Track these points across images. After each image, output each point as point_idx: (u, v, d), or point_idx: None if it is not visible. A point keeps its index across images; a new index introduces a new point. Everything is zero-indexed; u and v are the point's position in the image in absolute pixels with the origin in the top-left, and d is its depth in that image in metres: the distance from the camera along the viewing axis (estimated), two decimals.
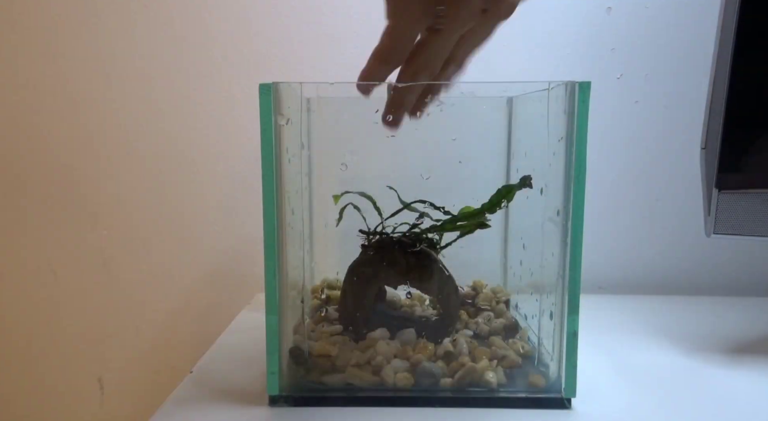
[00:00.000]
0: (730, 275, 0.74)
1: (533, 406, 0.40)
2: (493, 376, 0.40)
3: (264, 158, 0.38)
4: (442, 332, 0.43)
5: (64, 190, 0.74)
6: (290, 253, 0.42)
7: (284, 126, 0.39)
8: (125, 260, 0.75)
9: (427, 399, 0.40)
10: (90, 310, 0.75)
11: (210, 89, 0.72)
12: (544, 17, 0.70)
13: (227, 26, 0.70)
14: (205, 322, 0.75)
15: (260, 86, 0.37)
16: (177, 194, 0.74)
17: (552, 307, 0.41)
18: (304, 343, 0.41)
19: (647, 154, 0.72)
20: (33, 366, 0.77)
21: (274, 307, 0.39)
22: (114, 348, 0.76)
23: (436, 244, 0.46)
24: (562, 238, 0.39)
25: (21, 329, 0.76)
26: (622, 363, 0.48)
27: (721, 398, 0.42)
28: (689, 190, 0.72)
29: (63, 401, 0.77)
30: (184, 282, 0.75)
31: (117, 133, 0.73)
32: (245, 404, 0.41)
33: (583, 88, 0.37)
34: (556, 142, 0.40)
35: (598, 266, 0.74)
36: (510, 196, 0.42)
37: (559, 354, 0.40)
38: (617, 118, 0.71)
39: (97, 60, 0.72)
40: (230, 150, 0.73)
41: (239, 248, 0.74)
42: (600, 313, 0.62)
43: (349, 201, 0.45)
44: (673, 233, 0.73)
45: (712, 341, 0.54)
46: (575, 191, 0.38)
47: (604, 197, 0.73)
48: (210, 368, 0.47)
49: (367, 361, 0.41)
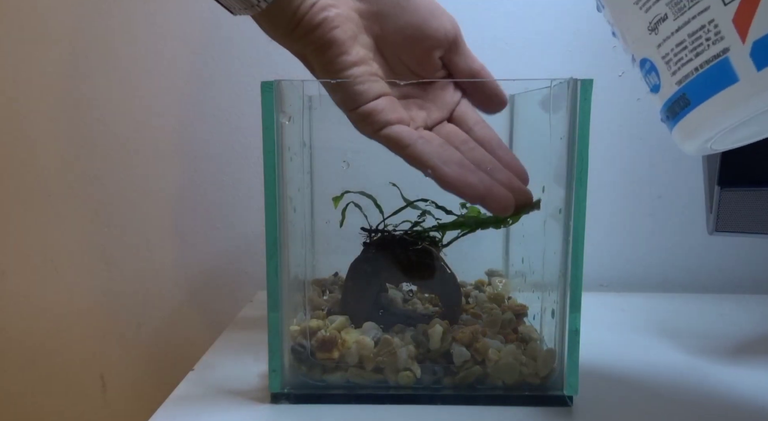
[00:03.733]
0: (732, 273, 0.74)
1: (534, 403, 0.40)
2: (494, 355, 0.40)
3: (266, 156, 0.38)
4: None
5: (65, 186, 0.74)
6: (292, 250, 0.42)
7: (286, 124, 0.39)
8: (127, 257, 0.75)
9: (429, 397, 0.40)
10: (92, 307, 0.76)
11: (211, 86, 0.72)
12: (546, 14, 0.70)
13: (227, 25, 0.70)
14: (207, 319, 0.75)
15: (262, 84, 0.37)
16: (179, 191, 0.74)
17: (554, 305, 0.41)
18: (306, 340, 0.41)
19: (649, 152, 0.72)
20: (35, 363, 0.77)
21: (276, 304, 0.39)
22: (116, 345, 0.76)
23: (438, 242, 0.46)
24: (564, 236, 0.39)
25: (23, 326, 0.76)
26: (623, 361, 0.48)
27: (723, 396, 0.42)
28: (691, 187, 0.72)
29: (65, 398, 0.77)
30: (186, 279, 0.75)
31: (118, 131, 0.73)
32: (247, 402, 0.41)
33: (586, 85, 0.37)
34: (558, 140, 0.40)
35: (600, 263, 0.74)
36: (516, 217, 0.42)
37: (560, 352, 0.40)
38: (619, 115, 0.71)
39: (96, 57, 0.72)
40: (232, 147, 0.73)
41: (241, 245, 0.74)
42: (602, 311, 0.62)
43: (350, 200, 0.45)
44: (675, 231, 0.73)
45: (714, 338, 0.54)
46: (577, 189, 0.38)
47: (606, 195, 0.73)
48: (212, 365, 0.48)
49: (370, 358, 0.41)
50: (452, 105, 0.41)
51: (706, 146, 0.29)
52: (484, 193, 0.36)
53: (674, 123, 0.29)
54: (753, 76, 0.23)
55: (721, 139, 0.29)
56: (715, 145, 0.30)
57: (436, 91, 0.41)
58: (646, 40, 0.28)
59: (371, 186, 0.44)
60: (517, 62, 0.71)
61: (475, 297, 0.50)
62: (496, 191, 0.36)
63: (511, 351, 0.41)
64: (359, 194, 0.44)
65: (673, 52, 0.26)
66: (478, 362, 0.40)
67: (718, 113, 0.25)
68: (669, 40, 0.26)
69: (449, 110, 0.41)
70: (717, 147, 0.31)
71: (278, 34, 0.39)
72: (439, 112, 0.40)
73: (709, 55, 0.24)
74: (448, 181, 0.36)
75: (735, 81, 0.24)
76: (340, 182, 0.45)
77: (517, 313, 0.46)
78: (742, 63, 0.23)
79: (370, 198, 0.44)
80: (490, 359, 0.40)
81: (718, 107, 0.25)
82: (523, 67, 0.70)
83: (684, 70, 0.26)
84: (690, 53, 0.25)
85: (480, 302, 0.49)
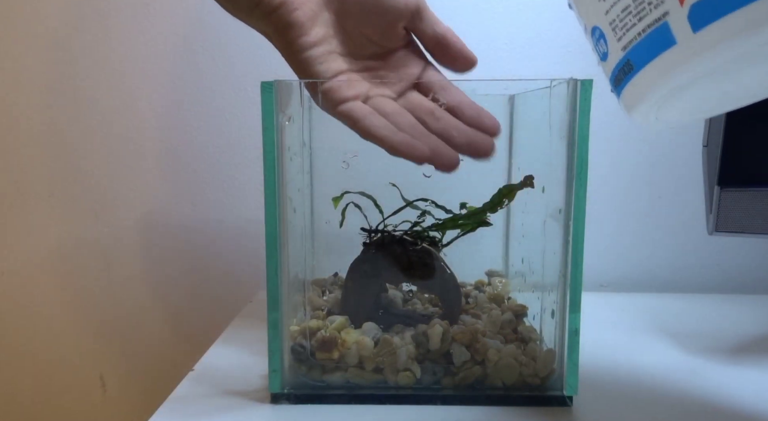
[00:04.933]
0: (732, 273, 0.74)
1: (534, 403, 0.40)
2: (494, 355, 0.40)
3: (266, 156, 0.38)
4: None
5: (65, 187, 0.74)
6: (292, 250, 0.42)
7: (286, 124, 0.39)
8: (126, 257, 0.75)
9: (429, 397, 0.40)
10: (91, 307, 0.76)
11: (211, 87, 0.72)
12: (546, 14, 0.70)
13: (228, 23, 0.70)
14: (207, 319, 0.75)
15: (262, 84, 0.37)
16: (179, 191, 0.74)
17: (554, 305, 0.41)
18: (306, 341, 0.41)
19: (649, 152, 0.72)
20: (34, 363, 0.77)
21: (276, 304, 0.39)
22: (116, 345, 0.76)
23: (438, 242, 0.46)
24: (564, 236, 0.39)
25: (22, 326, 0.76)
26: (623, 361, 0.48)
27: (723, 396, 0.42)
28: (691, 188, 0.72)
29: (64, 397, 0.77)
30: (186, 279, 0.75)
31: (118, 130, 0.73)
32: (247, 402, 0.41)
33: (586, 85, 0.37)
34: (558, 140, 0.40)
35: (600, 263, 0.74)
36: (511, 195, 0.42)
37: (560, 352, 0.40)
38: (619, 116, 0.71)
39: (100, 58, 0.72)
40: (232, 147, 0.73)
41: (241, 245, 0.74)
42: (602, 311, 0.62)
43: (349, 200, 0.45)
44: (675, 231, 0.73)
45: (714, 338, 0.54)
46: (577, 189, 0.38)
47: (606, 195, 0.73)
48: (212, 365, 0.48)
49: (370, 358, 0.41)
50: (416, 74, 0.42)
51: (652, 117, 0.29)
52: (430, 154, 0.38)
53: (620, 90, 0.29)
54: (690, 38, 0.23)
55: (668, 109, 0.29)
56: (664, 115, 0.30)
57: (399, 61, 0.42)
58: (596, 6, 0.28)
59: (371, 186, 0.44)
60: (517, 62, 0.71)
61: (475, 297, 0.50)
62: (442, 151, 0.38)
63: (511, 351, 0.41)
64: (359, 194, 0.44)
65: (619, 18, 0.26)
66: (478, 362, 0.40)
67: (658, 77, 0.25)
68: (616, 6, 0.26)
69: (413, 79, 0.42)
70: (667, 118, 0.30)
71: (239, 13, 0.40)
72: (402, 83, 0.41)
73: (651, 20, 0.25)
74: (395, 149, 0.37)
75: (673, 44, 0.24)
76: (340, 182, 0.45)
77: (516, 313, 0.46)
78: (680, 26, 0.23)
79: (370, 198, 0.44)
80: (490, 359, 0.40)
81: (658, 71, 0.25)
82: (523, 67, 0.70)
83: (629, 36, 0.26)
84: (634, 18, 0.25)
85: (480, 303, 0.49)
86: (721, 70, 0.24)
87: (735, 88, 0.28)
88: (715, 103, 0.30)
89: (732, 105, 0.31)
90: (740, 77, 0.27)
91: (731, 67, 0.24)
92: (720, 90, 0.28)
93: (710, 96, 0.29)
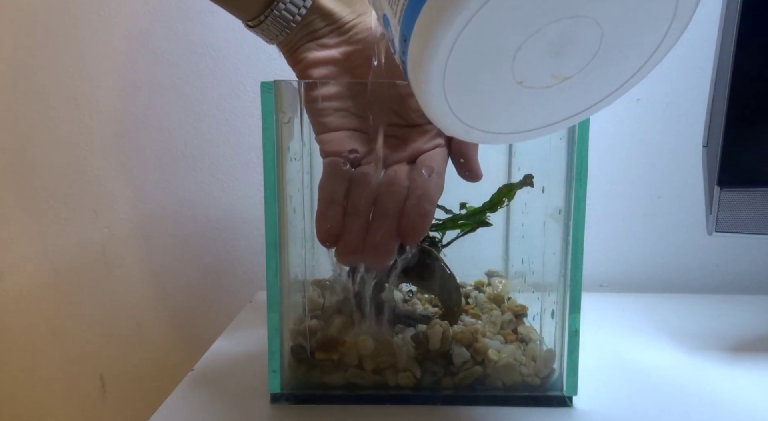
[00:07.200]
0: (731, 273, 0.74)
1: (534, 404, 0.40)
2: (494, 353, 0.40)
3: (266, 156, 0.38)
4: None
5: (65, 187, 0.74)
6: (292, 251, 0.42)
7: (286, 124, 0.39)
8: (126, 257, 0.75)
9: (429, 397, 0.40)
10: (91, 307, 0.76)
11: (211, 86, 0.72)
12: None
13: (228, 24, 0.70)
14: (207, 319, 0.75)
15: (262, 84, 0.37)
16: (178, 191, 0.74)
17: (553, 305, 0.41)
18: (306, 341, 0.41)
19: (649, 153, 0.72)
20: (34, 364, 0.77)
21: (275, 304, 0.39)
22: (115, 345, 0.76)
23: (438, 242, 0.46)
24: (564, 236, 0.39)
25: (22, 327, 0.76)
26: (623, 361, 0.48)
27: (723, 396, 0.42)
28: (691, 188, 0.72)
29: (64, 398, 0.77)
30: (186, 279, 0.75)
31: (118, 130, 0.73)
32: (247, 402, 0.41)
33: None
34: (558, 141, 0.40)
35: (600, 264, 0.74)
36: (511, 195, 0.42)
37: (560, 352, 0.40)
38: (619, 116, 0.71)
39: (99, 59, 0.72)
40: (231, 147, 0.73)
41: (241, 245, 0.74)
42: (602, 311, 0.62)
43: None
44: (674, 232, 0.73)
45: (714, 339, 0.54)
46: (577, 190, 0.38)
47: (606, 196, 0.73)
48: (212, 365, 0.48)
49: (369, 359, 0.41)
50: (421, 150, 0.39)
51: (447, 109, 0.28)
52: (334, 240, 0.37)
53: (405, 72, 0.28)
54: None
55: (467, 107, 0.28)
56: (466, 117, 0.29)
57: (413, 134, 0.40)
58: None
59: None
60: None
61: (475, 297, 0.50)
62: (345, 240, 0.37)
63: (511, 352, 0.41)
64: None
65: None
66: (478, 362, 0.40)
67: (424, 42, 0.25)
68: None
69: (415, 153, 0.39)
70: (471, 122, 0.30)
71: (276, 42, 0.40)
72: (403, 153, 0.39)
73: None
74: (318, 236, 0.38)
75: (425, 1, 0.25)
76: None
77: (516, 313, 0.46)
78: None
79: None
80: (490, 359, 0.40)
81: (422, 37, 0.25)
82: None
83: (398, 9, 0.27)
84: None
85: (480, 303, 0.49)
86: (486, 22, 0.24)
87: (529, 99, 0.28)
88: (518, 117, 0.30)
89: (540, 130, 0.31)
90: (524, 70, 0.27)
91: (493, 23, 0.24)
92: (513, 90, 0.28)
93: (506, 98, 0.28)
